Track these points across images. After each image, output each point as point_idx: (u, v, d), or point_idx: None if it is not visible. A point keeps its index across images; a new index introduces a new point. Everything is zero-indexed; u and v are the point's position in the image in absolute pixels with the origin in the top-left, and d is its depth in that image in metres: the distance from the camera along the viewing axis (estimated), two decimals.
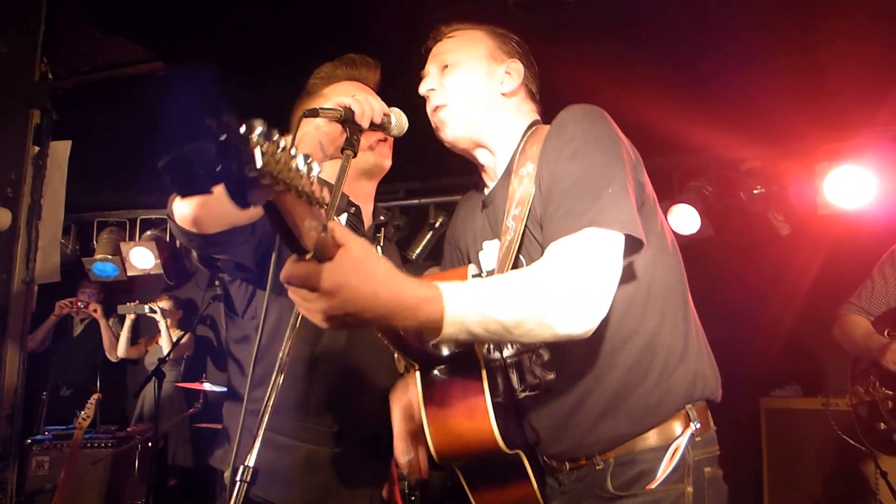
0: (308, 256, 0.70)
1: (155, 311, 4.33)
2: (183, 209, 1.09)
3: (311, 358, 1.31)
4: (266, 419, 0.64)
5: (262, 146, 0.53)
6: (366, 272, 0.77)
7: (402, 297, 0.82)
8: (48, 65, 1.89)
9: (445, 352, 1.06)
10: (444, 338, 0.87)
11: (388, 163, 1.40)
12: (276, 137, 0.55)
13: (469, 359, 1.07)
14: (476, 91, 1.22)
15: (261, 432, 0.64)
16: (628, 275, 1.06)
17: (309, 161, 0.62)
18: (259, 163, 0.53)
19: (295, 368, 1.29)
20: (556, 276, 0.96)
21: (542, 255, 1.03)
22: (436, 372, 1.07)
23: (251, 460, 0.65)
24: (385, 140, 1.37)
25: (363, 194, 1.42)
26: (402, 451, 1.22)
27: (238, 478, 0.62)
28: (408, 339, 1.04)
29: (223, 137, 0.52)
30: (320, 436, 1.30)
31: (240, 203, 0.55)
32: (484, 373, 1.05)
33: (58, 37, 1.95)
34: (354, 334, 1.35)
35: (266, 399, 0.62)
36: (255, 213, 1.14)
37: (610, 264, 0.99)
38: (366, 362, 1.37)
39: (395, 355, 1.36)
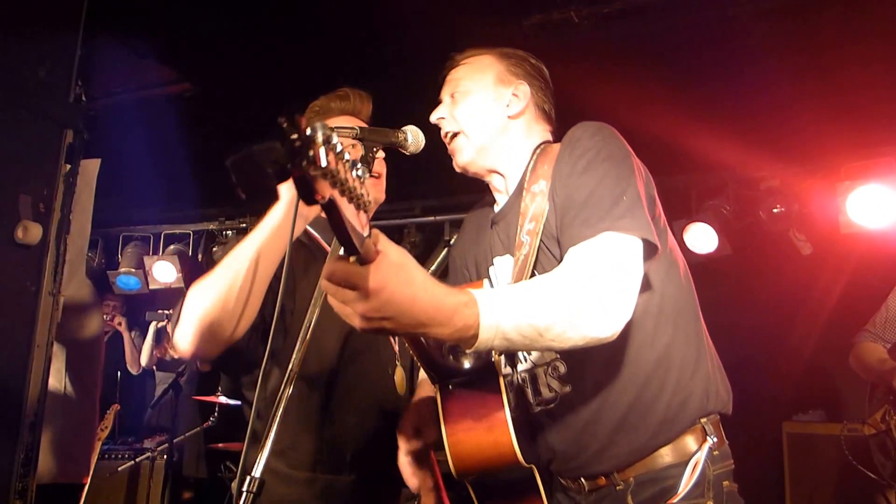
0: (352, 259, 0.72)
1: None
2: (183, 344, 1.12)
3: (324, 394, 1.33)
4: (273, 431, 0.65)
5: (325, 147, 0.56)
6: (406, 276, 0.78)
7: (439, 302, 0.82)
8: (82, 88, 1.97)
9: (466, 365, 1.07)
10: (480, 344, 0.86)
11: (381, 196, 1.42)
12: (334, 141, 0.58)
13: (487, 372, 1.07)
14: (482, 117, 1.24)
15: (268, 443, 0.65)
16: (642, 287, 1.07)
17: (359, 167, 0.64)
18: (324, 162, 0.55)
19: (309, 404, 1.31)
20: (584, 279, 0.97)
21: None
22: (455, 385, 1.08)
23: (258, 471, 0.66)
24: (379, 177, 1.41)
25: (360, 225, 1.45)
26: (409, 471, 1.22)
27: (245, 488, 0.63)
28: (431, 351, 1.05)
29: (295, 137, 0.54)
30: (337, 465, 1.32)
31: (306, 199, 0.58)
32: (503, 385, 1.06)
33: (93, 60, 2.03)
34: (365, 365, 1.38)
35: (271, 415, 0.63)
36: (245, 325, 1.15)
37: (631, 267, 1.01)
38: (375, 393, 1.39)
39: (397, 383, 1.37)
